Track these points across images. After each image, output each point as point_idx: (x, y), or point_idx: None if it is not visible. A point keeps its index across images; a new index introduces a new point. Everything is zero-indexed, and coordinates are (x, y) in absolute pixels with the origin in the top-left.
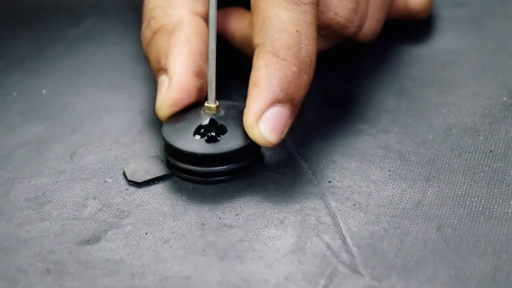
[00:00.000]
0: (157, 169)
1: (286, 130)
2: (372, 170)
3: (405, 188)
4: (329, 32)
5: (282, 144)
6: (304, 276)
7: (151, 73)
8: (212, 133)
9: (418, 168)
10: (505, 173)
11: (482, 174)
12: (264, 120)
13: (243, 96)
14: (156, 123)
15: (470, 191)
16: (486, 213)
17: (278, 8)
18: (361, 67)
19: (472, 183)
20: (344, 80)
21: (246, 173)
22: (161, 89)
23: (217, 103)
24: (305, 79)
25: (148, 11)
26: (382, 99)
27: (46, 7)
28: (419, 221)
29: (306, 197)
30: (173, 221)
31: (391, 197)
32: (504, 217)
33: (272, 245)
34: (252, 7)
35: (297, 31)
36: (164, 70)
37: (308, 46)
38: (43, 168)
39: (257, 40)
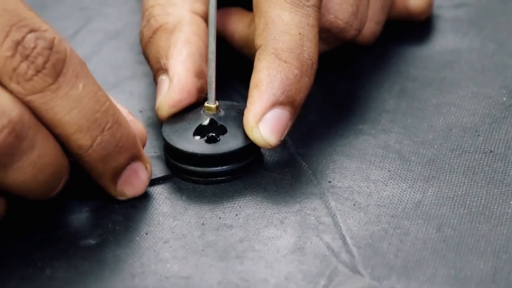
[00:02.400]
0: (157, 169)
1: (286, 132)
2: (372, 170)
3: (405, 188)
4: (328, 35)
5: (282, 144)
6: (304, 276)
7: (151, 73)
8: (212, 134)
9: (418, 168)
10: (505, 173)
11: (482, 174)
12: (264, 121)
13: (243, 97)
14: (156, 123)
15: (470, 191)
16: (486, 213)
17: (281, 10)
18: (361, 68)
19: (472, 183)
20: (345, 80)
21: (246, 173)
22: (162, 89)
23: (217, 104)
24: (307, 81)
25: (147, 10)
26: (382, 100)
27: (46, 6)
28: (419, 221)
29: (306, 197)
30: (173, 221)
31: (391, 197)
32: (504, 217)
33: (272, 245)
34: (255, 8)
35: (299, 33)
36: (164, 70)
37: (310, 48)
38: None
39: (259, 41)
